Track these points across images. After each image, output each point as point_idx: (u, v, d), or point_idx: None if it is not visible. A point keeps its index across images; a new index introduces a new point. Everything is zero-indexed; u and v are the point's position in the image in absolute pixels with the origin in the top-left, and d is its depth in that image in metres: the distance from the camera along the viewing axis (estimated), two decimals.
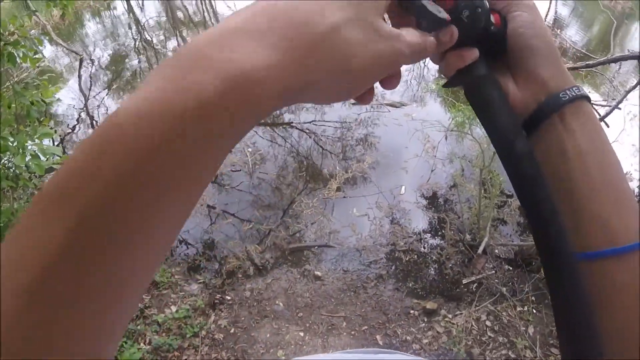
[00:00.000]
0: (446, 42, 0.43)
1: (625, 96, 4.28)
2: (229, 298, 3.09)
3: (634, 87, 4.31)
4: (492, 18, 0.47)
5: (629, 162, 4.69)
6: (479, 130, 3.47)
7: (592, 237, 0.44)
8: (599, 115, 4.82)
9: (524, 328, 3.01)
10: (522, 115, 0.48)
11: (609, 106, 4.72)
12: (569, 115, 0.46)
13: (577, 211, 0.45)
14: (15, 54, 2.24)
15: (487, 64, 0.47)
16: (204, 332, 2.83)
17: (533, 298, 3.19)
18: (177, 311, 2.92)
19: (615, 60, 4.79)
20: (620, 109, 4.65)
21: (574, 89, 0.46)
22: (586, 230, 0.44)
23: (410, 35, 0.38)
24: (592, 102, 0.47)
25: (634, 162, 4.73)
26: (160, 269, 3.18)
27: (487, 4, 0.45)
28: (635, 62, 4.87)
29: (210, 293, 3.11)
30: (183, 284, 3.16)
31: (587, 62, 5.00)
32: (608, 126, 4.78)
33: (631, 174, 4.56)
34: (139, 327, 2.80)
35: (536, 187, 0.44)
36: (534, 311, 3.13)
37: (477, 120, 0.52)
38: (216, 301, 3.04)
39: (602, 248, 0.43)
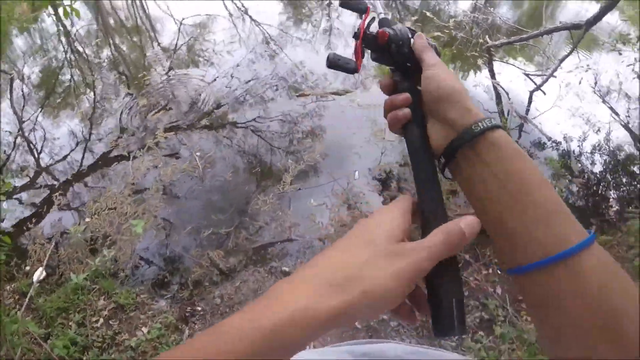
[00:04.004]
0: (384, 88, 0.67)
1: (559, 65, 4.51)
2: (199, 309, 3.02)
3: (566, 56, 4.54)
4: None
5: (568, 124, 4.91)
6: None
7: (524, 253, 0.49)
8: (535, 84, 5.06)
9: (492, 289, 3.11)
10: (439, 149, 0.59)
11: (545, 75, 4.95)
12: (482, 148, 0.53)
13: (508, 232, 0.51)
14: None
15: (420, 124, 0.62)
16: None
17: (496, 260, 3.29)
18: (149, 332, 2.82)
19: (548, 32, 5.03)
20: (555, 77, 4.90)
21: (481, 122, 0.54)
22: (517, 247, 0.50)
23: (431, 237, 0.48)
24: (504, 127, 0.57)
25: (572, 123, 4.96)
26: (123, 291, 3.08)
27: (408, 34, 0.65)
28: (566, 32, 5.09)
29: (179, 307, 3.03)
30: (150, 302, 3.07)
31: (520, 37, 5.23)
32: (545, 94, 5.02)
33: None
34: (112, 356, 2.70)
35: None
36: (499, 271, 3.23)
37: None
38: (187, 314, 2.97)
39: (534, 261, 0.48)
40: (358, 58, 0.65)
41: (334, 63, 0.63)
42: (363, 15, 0.65)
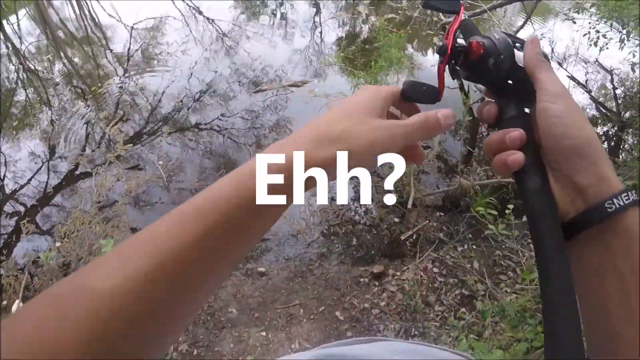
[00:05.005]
0: (485, 118, 0.53)
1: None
2: None
3: (521, 27, 4.57)
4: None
5: None
6: None
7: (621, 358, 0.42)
8: None
9: (469, 265, 3.15)
10: (561, 218, 0.47)
11: None
12: (613, 231, 0.43)
13: (611, 333, 0.43)
14: None
15: (538, 171, 0.48)
16: None
17: (470, 236, 3.34)
18: None
19: (500, 5, 5.05)
20: None
21: (618, 198, 0.43)
22: (618, 352, 0.43)
23: (411, 118, 0.49)
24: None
25: None
26: None
27: (509, 43, 0.51)
28: (519, 4, 5.12)
29: None
30: None
31: (474, 11, 5.24)
32: None
33: None
34: None
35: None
36: (474, 247, 3.28)
37: (380, 84, 0.59)
38: None
39: None
40: (441, 81, 0.53)
41: (411, 96, 0.52)
42: (453, 17, 0.53)
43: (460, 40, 0.52)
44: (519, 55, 0.51)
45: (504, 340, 2.48)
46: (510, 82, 0.51)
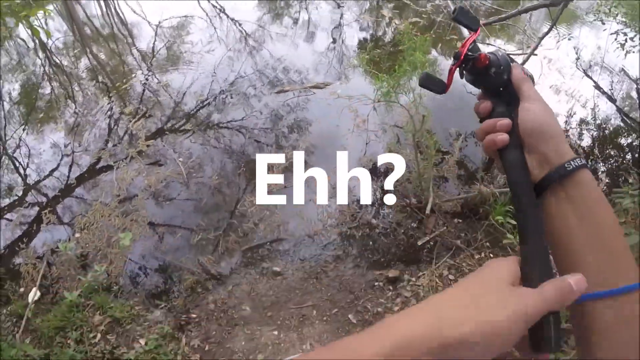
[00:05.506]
0: (482, 112, 0.67)
1: (539, 43, 4.46)
2: (194, 316, 3.02)
3: (546, 33, 4.49)
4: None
5: (553, 101, 4.95)
6: (406, 98, 3.48)
7: (589, 283, 0.52)
8: (517, 63, 5.06)
9: None
10: (533, 181, 0.62)
11: (526, 54, 4.92)
12: (571, 185, 0.59)
13: (577, 262, 0.56)
14: None
15: (518, 147, 0.63)
16: (179, 357, 2.75)
17: (487, 244, 3.30)
18: (146, 343, 2.81)
19: (526, 11, 4.99)
20: (536, 54, 4.88)
21: (573, 161, 0.59)
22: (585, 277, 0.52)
23: (544, 287, 0.49)
24: (588, 165, 0.60)
25: (557, 99, 5.02)
26: (117, 305, 3.06)
27: (508, 60, 0.66)
28: (545, 10, 5.07)
29: (174, 316, 3.02)
30: (145, 313, 3.05)
31: (499, 17, 5.18)
32: None
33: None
34: None
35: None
36: (491, 255, 3.23)
37: (403, 88, 0.88)
38: (182, 322, 2.96)
39: (592, 291, 0.53)
40: (450, 78, 0.68)
41: (424, 84, 0.67)
42: (470, 33, 0.68)
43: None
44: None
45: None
46: (502, 89, 0.67)
